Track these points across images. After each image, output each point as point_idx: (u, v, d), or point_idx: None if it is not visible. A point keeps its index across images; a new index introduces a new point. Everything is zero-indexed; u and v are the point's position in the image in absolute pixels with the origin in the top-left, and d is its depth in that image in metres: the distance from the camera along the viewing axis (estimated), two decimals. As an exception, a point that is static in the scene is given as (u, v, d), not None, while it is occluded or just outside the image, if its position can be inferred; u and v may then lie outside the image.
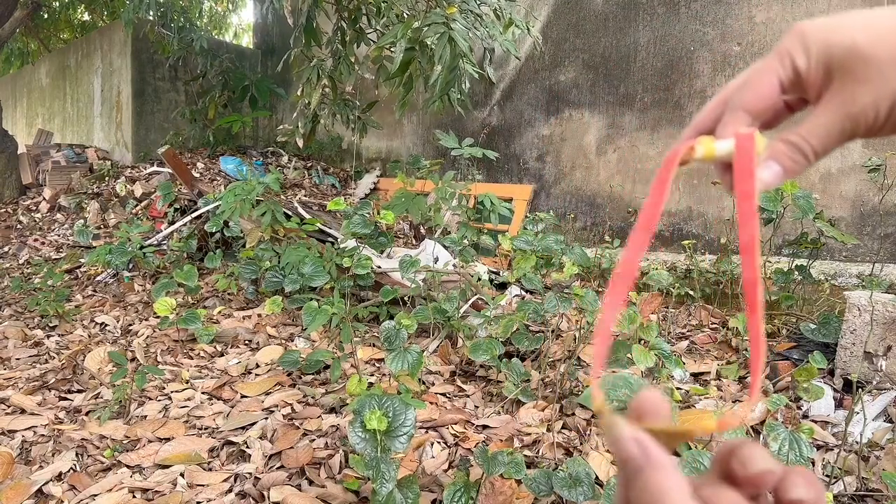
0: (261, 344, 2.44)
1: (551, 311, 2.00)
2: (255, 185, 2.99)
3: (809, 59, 0.36)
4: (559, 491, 1.20)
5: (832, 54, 0.35)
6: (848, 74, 0.35)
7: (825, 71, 0.36)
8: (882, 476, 1.27)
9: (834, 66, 0.36)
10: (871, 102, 0.35)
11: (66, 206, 5.25)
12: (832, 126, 0.36)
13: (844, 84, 0.35)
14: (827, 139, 0.37)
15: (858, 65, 0.35)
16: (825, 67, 0.36)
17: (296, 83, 5.59)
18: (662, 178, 0.36)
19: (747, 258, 0.35)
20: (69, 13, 9.00)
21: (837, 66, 0.35)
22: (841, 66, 0.35)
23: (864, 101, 0.35)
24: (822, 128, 0.37)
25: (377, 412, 1.16)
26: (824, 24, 0.36)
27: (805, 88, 0.38)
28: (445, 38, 2.36)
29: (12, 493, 1.40)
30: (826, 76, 0.36)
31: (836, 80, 0.36)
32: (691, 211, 3.66)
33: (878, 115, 0.36)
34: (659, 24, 3.79)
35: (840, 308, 2.40)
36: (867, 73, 0.35)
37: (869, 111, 0.35)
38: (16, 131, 8.00)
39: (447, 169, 4.65)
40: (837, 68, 0.35)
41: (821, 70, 0.36)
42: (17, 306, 3.17)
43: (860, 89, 0.35)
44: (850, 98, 0.35)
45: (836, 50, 0.35)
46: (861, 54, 0.35)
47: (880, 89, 0.35)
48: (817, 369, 1.52)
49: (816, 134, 0.37)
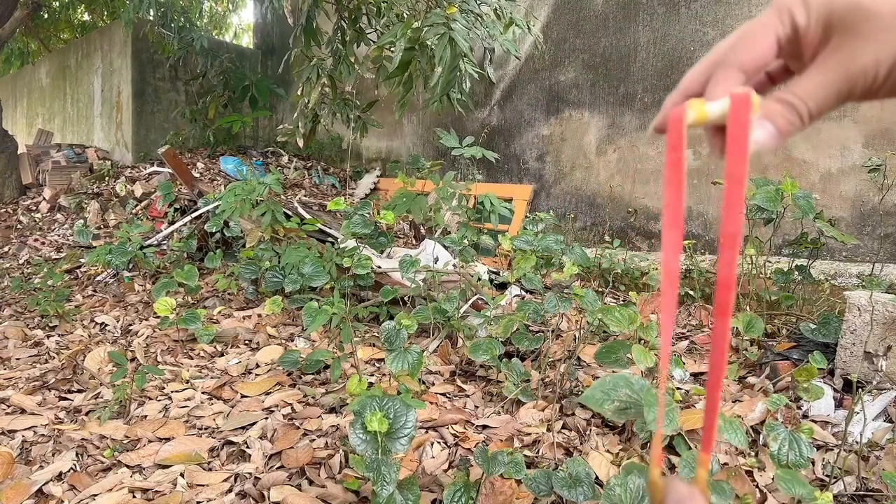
0: (261, 344, 2.44)
1: (551, 311, 2.00)
2: (256, 186, 2.99)
3: (809, 15, 0.35)
4: (559, 491, 1.20)
5: (833, 9, 0.34)
6: (849, 31, 0.34)
7: (825, 28, 0.35)
8: (882, 476, 1.27)
9: (834, 23, 0.34)
10: (871, 61, 0.34)
11: (66, 206, 5.25)
12: (829, 85, 0.35)
13: (844, 41, 0.34)
14: (823, 100, 0.35)
15: (860, 20, 0.33)
16: (825, 24, 0.35)
17: (296, 83, 5.59)
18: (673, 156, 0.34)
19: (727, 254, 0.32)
20: (69, 13, 9.00)
21: (838, 22, 0.34)
22: (842, 22, 0.34)
23: (865, 59, 0.34)
24: (819, 87, 0.35)
25: (378, 413, 1.16)
26: None
27: (801, 48, 0.36)
28: (446, 39, 2.36)
29: (12, 493, 1.40)
30: (825, 34, 0.35)
31: (835, 37, 0.34)
32: (691, 211, 3.66)
33: (878, 75, 0.34)
34: (659, 24, 3.79)
35: (840, 308, 2.40)
36: (869, 30, 0.33)
37: (869, 70, 0.34)
38: (16, 131, 8.01)
39: (447, 169, 4.65)
40: (838, 24, 0.34)
41: (820, 27, 0.35)
42: (17, 306, 3.17)
43: (861, 47, 0.33)
44: (850, 56, 0.34)
45: (837, 4, 0.34)
46: (864, 9, 0.33)
47: (882, 48, 0.33)
48: (817, 369, 1.52)
49: (812, 94, 0.35)
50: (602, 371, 2.05)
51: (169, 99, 6.25)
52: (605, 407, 1.15)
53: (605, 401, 1.16)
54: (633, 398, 1.15)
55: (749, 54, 0.36)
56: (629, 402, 1.14)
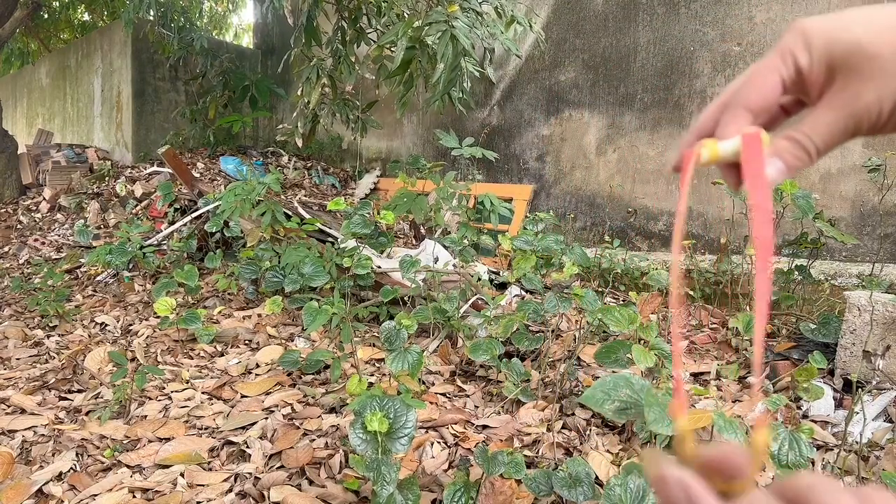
0: (261, 344, 2.44)
1: (551, 311, 2.00)
2: (256, 185, 2.99)
3: (812, 57, 0.36)
4: (559, 491, 1.20)
5: (835, 52, 0.35)
6: (851, 72, 0.35)
7: (828, 69, 0.36)
8: (882, 476, 1.27)
9: (837, 64, 0.35)
10: (874, 100, 0.35)
11: (66, 206, 5.25)
12: (835, 124, 0.36)
13: (848, 82, 0.35)
14: (830, 137, 0.37)
15: (862, 62, 0.35)
16: (828, 65, 0.36)
17: (296, 83, 5.59)
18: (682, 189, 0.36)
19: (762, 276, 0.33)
20: (69, 13, 9.00)
21: (840, 64, 0.35)
22: (844, 64, 0.35)
23: (868, 98, 0.35)
24: (825, 125, 0.37)
25: (378, 414, 1.16)
26: (826, 21, 0.36)
27: (806, 87, 0.38)
28: (447, 36, 2.36)
29: (12, 493, 1.40)
30: (828, 74, 0.36)
31: (838, 77, 0.36)
32: (691, 211, 3.66)
33: (882, 112, 0.35)
34: (659, 24, 3.79)
35: (840, 308, 2.40)
36: (871, 71, 0.35)
37: (872, 109, 0.35)
38: (16, 131, 8.00)
39: (447, 169, 4.65)
40: (840, 66, 0.35)
41: (823, 68, 0.36)
42: (18, 306, 3.17)
43: (864, 87, 0.35)
44: (854, 96, 0.35)
45: (838, 47, 0.35)
46: (864, 51, 0.35)
47: (884, 87, 0.35)
48: (817, 369, 1.52)
49: (819, 132, 0.37)
50: (602, 371, 2.05)
51: (169, 99, 6.25)
52: (605, 407, 1.15)
53: (605, 401, 1.16)
54: (633, 398, 1.15)
55: (755, 95, 0.38)
56: (629, 402, 1.14)
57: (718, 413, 1.18)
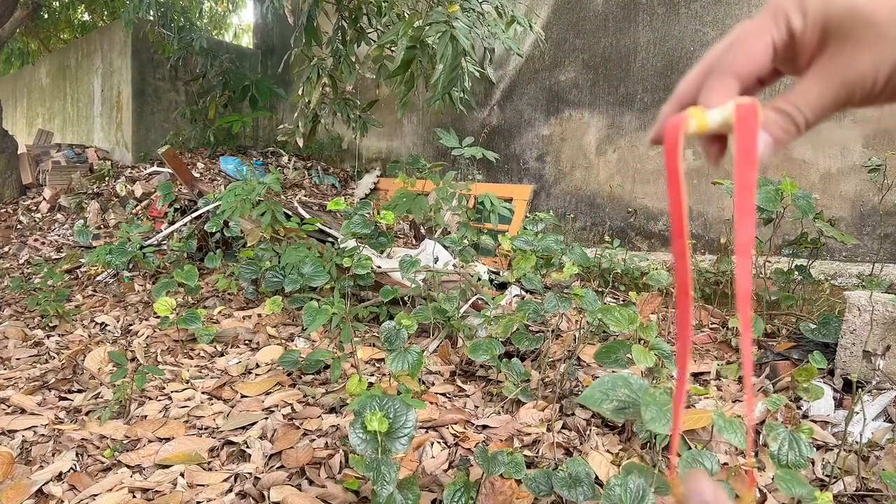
0: (261, 344, 2.44)
1: (551, 311, 2.00)
2: (256, 185, 2.99)
3: (806, 20, 0.34)
4: (559, 491, 1.20)
5: (831, 14, 0.33)
6: (846, 37, 0.33)
7: (822, 33, 0.34)
8: (882, 476, 1.27)
9: (831, 28, 0.33)
10: (870, 68, 0.33)
11: (66, 206, 5.25)
12: (827, 93, 0.34)
13: (842, 48, 0.33)
14: (820, 108, 0.34)
15: (858, 27, 0.32)
16: (822, 29, 0.34)
17: (296, 83, 5.59)
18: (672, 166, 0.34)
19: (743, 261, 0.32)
20: (69, 13, 9.00)
21: (835, 28, 0.33)
22: (839, 28, 0.33)
23: (863, 66, 0.33)
24: (816, 95, 0.34)
25: (378, 413, 1.16)
26: None
27: (797, 53, 0.35)
28: (447, 37, 2.36)
29: (12, 493, 1.40)
30: (822, 39, 0.34)
31: (832, 43, 0.33)
32: (691, 211, 3.66)
33: (877, 82, 0.33)
34: (659, 25, 3.79)
35: (840, 308, 2.40)
36: (866, 37, 0.32)
37: (867, 78, 0.33)
38: (16, 131, 8.00)
39: (447, 169, 4.65)
40: (835, 30, 0.33)
41: (817, 32, 0.34)
42: (18, 306, 3.17)
43: (859, 54, 0.33)
44: (848, 63, 0.33)
45: (835, 10, 0.33)
46: (861, 16, 0.32)
47: (881, 54, 0.32)
48: (817, 369, 1.52)
49: (809, 102, 0.34)
50: (602, 371, 2.05)
51: (169, 99, 6.25)
52: (604, 407, 1.15)
53: (604, 401, 1.16)
54: (632, 398, 1.15)
55: (743, 60, 0.35)
56: (628, 401, 1.14)
57: (718, 413, 1.18)
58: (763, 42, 0.35)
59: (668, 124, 0.35)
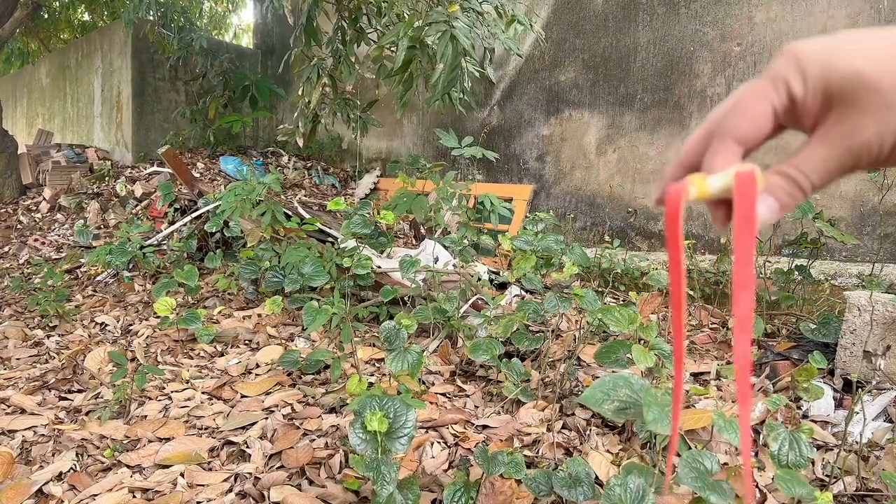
0: (261, 344, 2.44)
1: (551, 311, 2.00)
2: (256, 185, 2.99)
3: (807, 85, 0.33)
4: (559, 491, 1.20)
5: (832, 81, 0.32)
6: (850, 104, 0.32)
7: (824, 98, 0.33)
8: (882, 476, 1.27)
9: (834, 94, 0.33)
10: (874, 135, 0.32)
11: (66, 206, 5.25)
12: (832, 159, 0.34)
13: (846, 114, 0.33)
14: (826, 173, 0.34)
15: (861, 94, 0.32)
16: (824, 94, 0.33)
17: (296, 83, 5.59)
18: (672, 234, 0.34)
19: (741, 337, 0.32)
20: (69, 13, 9.00)
21: (838, 94, 0.33)
22: (841, 94, 0.32)
23: (867, 133, 0.32)
24: (821, 161, 0.34)
25: (378, 413, 1.16)
26: (822, 46, 0.33)
27: (800, 116, 0.35)
28: (447, 36, 2.36)
29: (12, 493, 1.40)
30: (824, 104, 0.33)
31: (835, 108, 0.33)
32: (691, 211, 3.66)
33: (882, 148, 0.33)
34: (659, 25, 3.79)
35: (840, 308, 2.40)
36: (870, 104, 0.32)
37: (872, 144, 0.33)
38: (16, 131, 8.01)
39: (447, 169, 4.65)
40: (838, 96, 0.33)
41: (819, 97, 0.33)
42: (18, 306, 3.17)
43: (863, 121, 0.32)
44: (852, 130, 0.32)
45: (836, 76, 0.32)
46: (864, 83, 0.32)
47: (885, 121, 0.32)
48: (817, 369, 1.52)
49: (815, 168, 0.34)
50: (602, 371, 2.05)
51: (169, 99, 6.25)
52: (604, 407, 1.15)
53: (604, 401, 1.16)
54: (633, 398, 1.15)
55: (744, 125, 0.35)
56: (629, 401, 1.14)
57: (718, 413, 1.18)
58: (763, 107, 0.35)
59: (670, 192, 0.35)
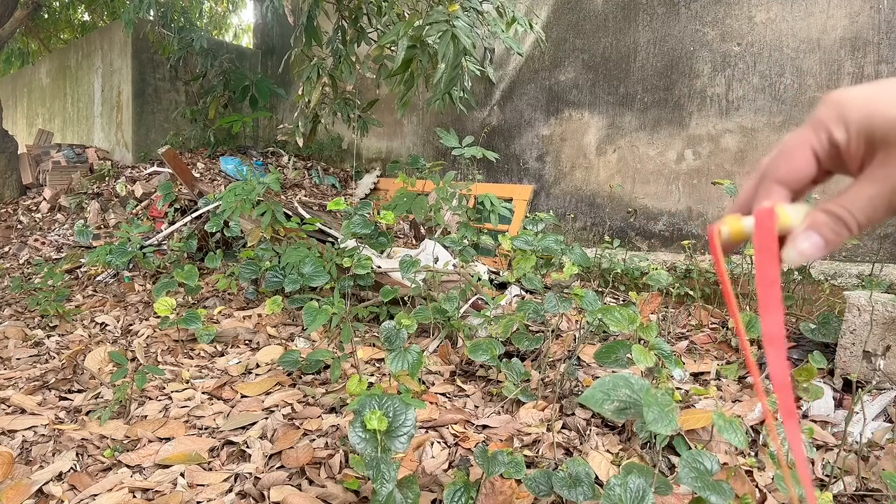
0: (261, 344, 2.44)
1: (551, 311, 2.00)
2: (256, 185, 2.99)
3: (849, 133, 0.35)
4: (559, 491, 1.20)
5: (875, 127, 0.34)
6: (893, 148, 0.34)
7: (867, 144, 0.35)
8: (882, 476, 1.27)
9: (877, 138, 0.34)
10: None
11: (66, 206, 5.25)
12: (878, 199, 0.35)
13: (890, 156, 0.34)
14: (872, 212, 0.35)
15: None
16: (867, 139, 0.34)
17: (296, 83, 5.59)
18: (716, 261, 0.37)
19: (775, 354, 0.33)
20: (69, 13, 9.01)
21: (881, 138, 0.34)
22: (885, 140, 0.34)
23: None
24: (868, 200, 0.35)
25: (377, 412, 1.16)
26: (863, 94, 0.35)
27: (844, 161, 0.36)
28: (448, 36, 2.36)
29: (12, 493, 1.40)
30: (868, 149, 0.35)
31: (880, 152, 0.34)
32: (691, 211, 3.66)
33: None
34: (659, 25, 3.79)
35: (840, 308, 2.40)
36: None
37: None
38: (16, 131, 8.01)
39: (447, 169, 4.65)
40: (881, 140, 0.34)
41: (862, 142, 0.35)
42: (18, 306, 3.17)
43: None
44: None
45: (878, 122, 0.34)
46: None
47: None
48: (817, 369, 1.52)
49: (861, 207, 0.35)
50: (602, 371, 2.05)
51: (169, 99, 6.25)
52: (605, 407, 1.15)
53: (605, 401, 1.16)
54: (633, 398, 1.15)
55: (787, 170, 0.37)
56: (628, 401, 1.14)
57: (718, 413, 1.18)
58: (805, 154, 0.37)
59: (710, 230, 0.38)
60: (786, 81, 3.28)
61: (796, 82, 3.24)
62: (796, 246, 0.36)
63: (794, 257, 0.36)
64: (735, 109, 3.47)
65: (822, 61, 3.15)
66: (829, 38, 3.13)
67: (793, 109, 3.26)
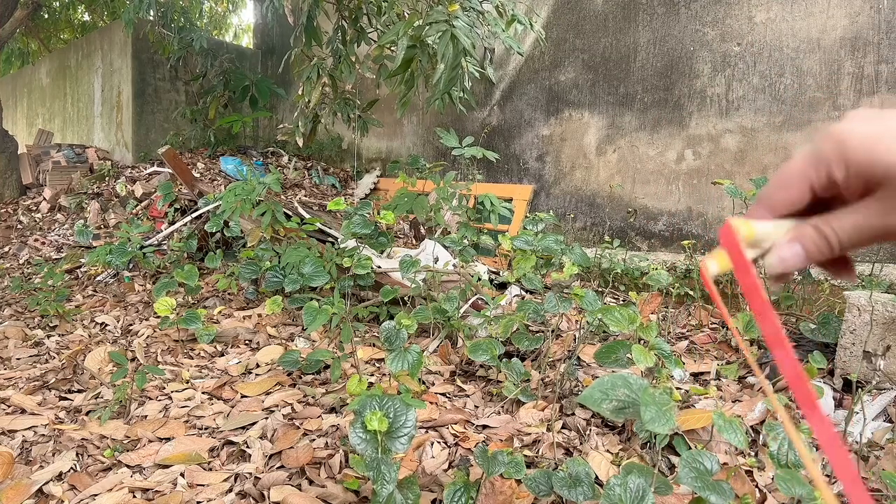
0: (261, 344, 2.44)
1: (551, 311, 2.00)
2: (256, 185, 2.99)
3: (848, 172, 0.36)
4: (559, 491, 1.20)
5: (875, 168, 0.35)
6: (891, 189, 0.34)
7: (866, 183, 0.36)
8: (882, 476, 1.27)
9: (877, 180, 0.35)
10: None
11: (66, 206, 5.25)
12: (865, 227, 0.36)
13: (888, 196, 0.35)
14: (857, 237, 0.37)
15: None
16: (866, 180, 0.35)
17: (296, 83, 5.59)
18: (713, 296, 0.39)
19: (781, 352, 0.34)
20: (69, 13, 9.01)
21: (880, 181, 0.35)
22: (884, 182, 0.35)
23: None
24: (856, 227, 0.36)
25: (378, 413, 1.16)
26: (866, 133, 0.35)
27: (842, 193, 0.37)
28: (448, 36, 2.36)
29: (12, 493, 1.40)
30: (866, 187, 0.36)
31: (878, 190, 0.35)
32: (691, 211, 3.66)
33: None
34: (659, 25, 3.79)
35: (840, 308, 2.40)
36: None
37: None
38: (16, 131, 8.01)
39: (447, 169, 4.65)
40: (880, 182, 0.35)
41: (861, 182, 0.36)
42: (18, 306, 3.17)
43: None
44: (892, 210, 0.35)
45: (879, 166, 0.35)
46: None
47: None
48: (817, 369, 1.52)
49: (846, 229, 0.37)
50: (602, 371, 2.05)
51: (169, 99, 6.25)
52: (604, 407, 1.15)
53: (604, 400, 1.16)
54: (631, 397, 1.15)
55: (780, 198, 0.39)
56: (627, 401, 1.14)
57: (718, 413, 1.18)
58: (801, 186, 0.38)
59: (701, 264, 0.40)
60: (786, 81, 3.28)
61: (796, 82, 3.24)
62: (779, 253, 0.38)
63: (775, 263, 0.38)
64: (735, 109, 3.47)
65: (822, 61, 3.15)
66: (829, 38, 3.13)
67: (793, 109, 3.26)
